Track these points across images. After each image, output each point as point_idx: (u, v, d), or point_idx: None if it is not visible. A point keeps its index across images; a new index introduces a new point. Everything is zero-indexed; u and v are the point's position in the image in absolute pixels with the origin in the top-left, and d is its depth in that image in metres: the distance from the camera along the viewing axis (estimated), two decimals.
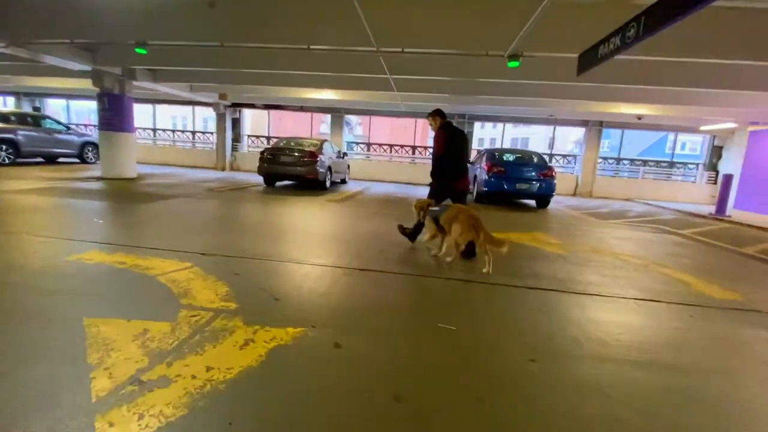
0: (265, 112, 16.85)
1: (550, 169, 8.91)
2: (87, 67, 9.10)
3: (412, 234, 4.50)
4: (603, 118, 13.08)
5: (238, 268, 3.27)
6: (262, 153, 9.76)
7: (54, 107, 17.67)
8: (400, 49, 5.97)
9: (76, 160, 13.82)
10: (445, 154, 4.27)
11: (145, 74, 10.23)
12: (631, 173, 14.71)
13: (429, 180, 4.62)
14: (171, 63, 8.71)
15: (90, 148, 14.10)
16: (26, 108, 16.32)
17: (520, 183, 8.64)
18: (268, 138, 16.12)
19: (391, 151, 16.00)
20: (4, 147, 11.27)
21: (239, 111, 15.47)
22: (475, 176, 9.60)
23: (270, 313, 2.43)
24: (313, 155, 9.60)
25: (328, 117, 15.43)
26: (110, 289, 2.70)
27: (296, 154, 9.58)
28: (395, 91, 9.49)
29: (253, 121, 17.17)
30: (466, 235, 3.64)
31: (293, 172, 9.53)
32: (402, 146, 16.01)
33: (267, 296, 2.70)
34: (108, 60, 8.86)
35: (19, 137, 11.65)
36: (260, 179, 11.08)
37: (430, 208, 4.12)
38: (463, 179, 4.41)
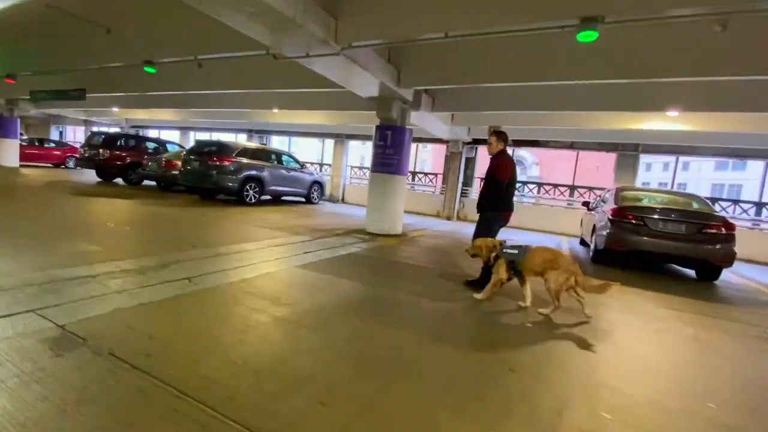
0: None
1: None
2: (375, 93, 7.01)
3: (481, 280, 3.91)
4: None
5: None
6: (619, 212, 6.01)
7: (276, 145, 17.90)
8: None
9: (302, 200, 12.68)
10: (509, 182, 3.93)
11: (427, 101, 7.82)
12: None
13: None
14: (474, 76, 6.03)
15: (315, 188, 12.89)
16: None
17: None
18: (525, 183, 12.78)
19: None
20: (252, 185, 10.33)
21: (475, 149, 12.63)
22: None
23: None
24: (728, 226, 5.45)
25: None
26: None
27: (689, 221, 5.57)
28: None
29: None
30: (569, 282, 3.23)
31: (689, 254, 5.48)
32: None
33: None
34: (411, 77, 6.51)
35: (265, 175, 10.67)
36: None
37: (505, 250, 3.51)
38: (505, 212, 4.04)
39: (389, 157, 7.32)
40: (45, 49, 8.53)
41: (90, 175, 14.21)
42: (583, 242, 9.14)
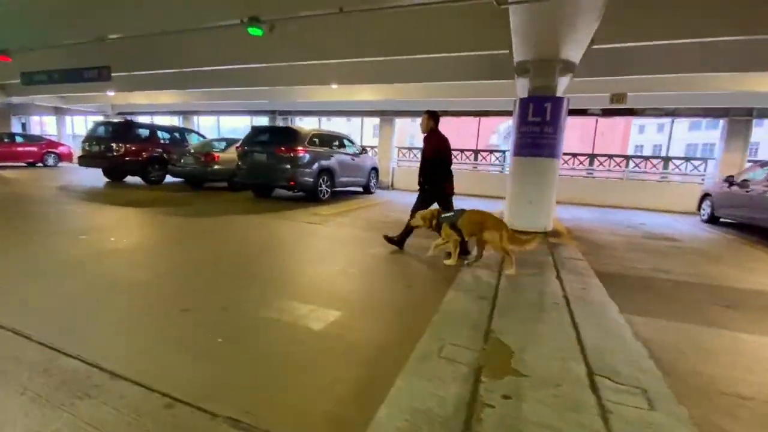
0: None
1: None
2: (530, 54, 5.51)
3: (400, 240, 4.43)
4: None
5: None
6: None
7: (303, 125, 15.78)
8: None
9: (360, 190, 11.02)
10: (443, 157, 4.24)
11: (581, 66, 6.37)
12: None
13: None
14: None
15: (373, 175, 11.23)
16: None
17: None
18: (627, 158, 11.53)
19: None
20: (324, 178, 8.60)
21: None
22: None
23: None
24: None
25: None
26: None
27: None
28: None
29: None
30: (502, 237, 3.56)
31: None
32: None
33: None
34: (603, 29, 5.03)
35: (334, 164, 8.94)
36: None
37: (443, 215, 3.94)
38: (451, 182, 4.38)
39: (547, 136, 5.89)
40: (60, 15, 6.30)
41: (90, 175, 11.84)
42: (713, 220, 8.27)
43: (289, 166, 7.68)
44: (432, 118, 4.27)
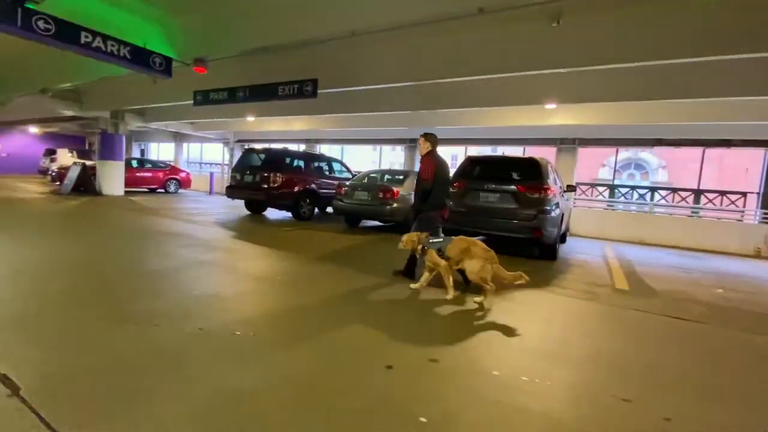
0: None
1: None
2: None
3: (408, 270, 4.14)
4: None
5: None
6: None
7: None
8: None
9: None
10: (433, 181, 3.99)
11: None
12: None
13: None
14: None
15: (567, 218, 8.86)
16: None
17: None
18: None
19: None
20: (561, 227, 6.34)
21: None
22: None
23: None
24: None
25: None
26: None
27: None
28: None
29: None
30: (487, 269, 3.39)
31: None
32: None
33: None
34: None
35: (564, 207, 6.67)
36: None
37: (431, 240, 3.72)
38: (445, 208, 4.25)
39: None
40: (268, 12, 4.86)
41: (223, 204, 10.73)
42: None
43: (534, 212, 5.54)
44: (429, 140, 4.10)
